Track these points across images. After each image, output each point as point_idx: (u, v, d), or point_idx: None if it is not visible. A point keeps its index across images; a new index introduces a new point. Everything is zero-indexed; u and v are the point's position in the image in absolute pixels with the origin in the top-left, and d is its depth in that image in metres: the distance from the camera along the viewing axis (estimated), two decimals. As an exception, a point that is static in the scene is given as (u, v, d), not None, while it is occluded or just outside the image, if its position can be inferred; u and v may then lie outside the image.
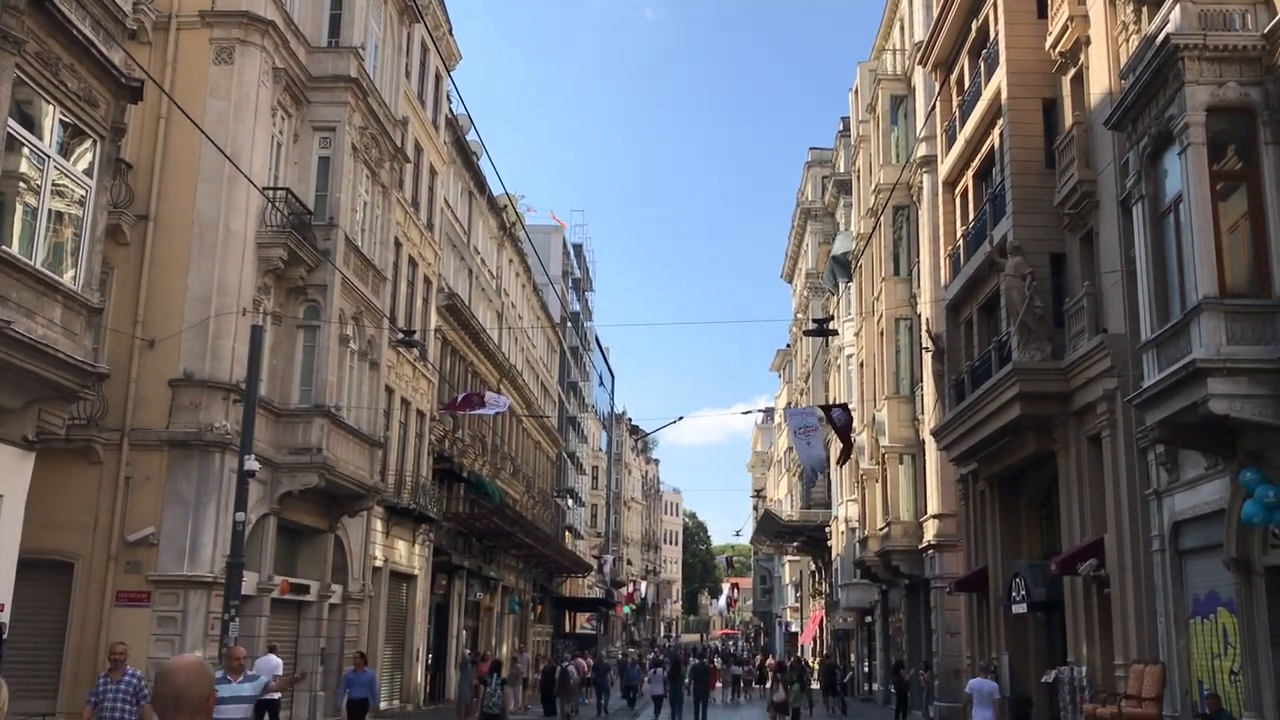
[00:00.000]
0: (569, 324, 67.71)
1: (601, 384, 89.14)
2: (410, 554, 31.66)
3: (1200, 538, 16.56)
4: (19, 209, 13.66)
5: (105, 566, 19.36)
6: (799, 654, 55.21)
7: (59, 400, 14.90)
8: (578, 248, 75.29)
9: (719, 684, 41.15)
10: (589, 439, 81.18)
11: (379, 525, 28.35)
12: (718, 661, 51.73)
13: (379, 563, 28.59)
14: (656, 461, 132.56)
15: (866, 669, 45.21)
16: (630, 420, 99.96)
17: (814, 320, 27.07)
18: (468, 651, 31.80)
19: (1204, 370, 13.94)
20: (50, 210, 14.09)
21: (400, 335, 26.30)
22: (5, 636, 14.30)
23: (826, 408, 29.33)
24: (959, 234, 27.64)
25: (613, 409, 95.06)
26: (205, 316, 20.34)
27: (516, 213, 45.58)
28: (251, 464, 18.33)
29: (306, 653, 23.97)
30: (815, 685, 39.57)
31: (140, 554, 19.49)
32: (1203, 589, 16.62)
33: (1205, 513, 16.11)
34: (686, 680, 28.78)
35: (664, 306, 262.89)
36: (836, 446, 34.09)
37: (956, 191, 28.27)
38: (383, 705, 26.58)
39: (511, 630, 48.69)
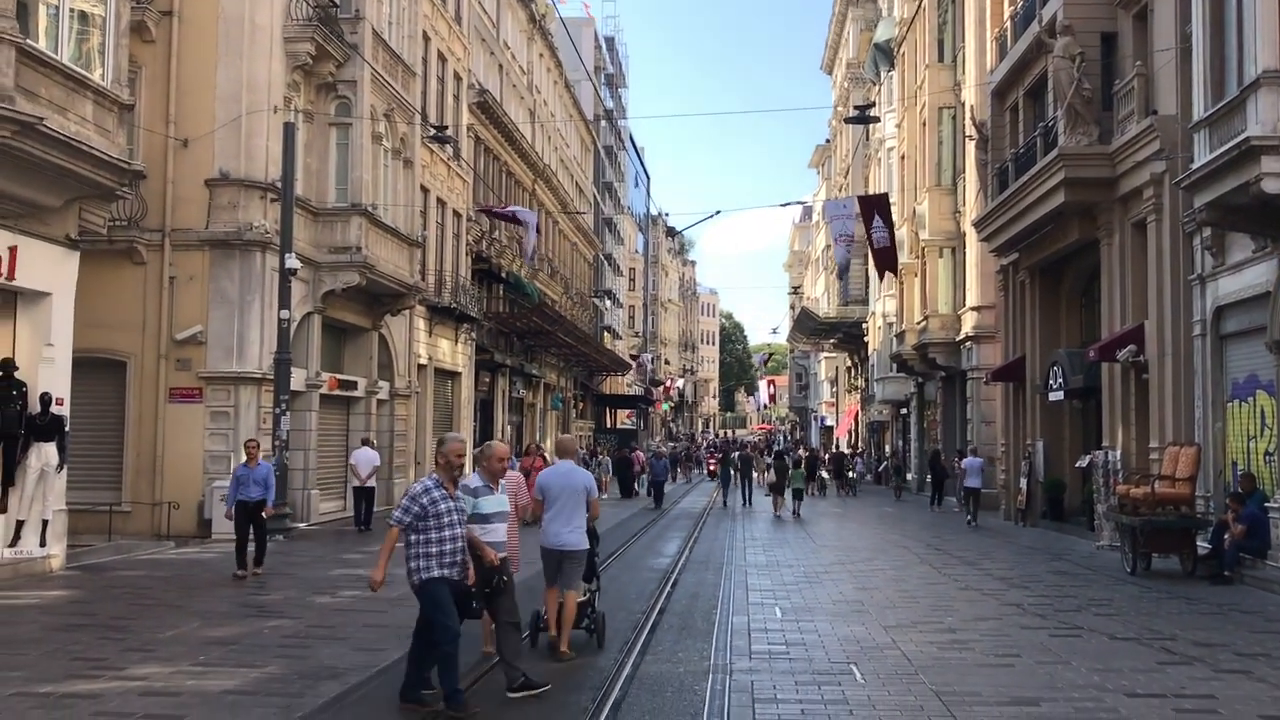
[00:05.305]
0: (602, 121, 66.42)
1: (637, 185, 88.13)
2: (453, 352, 32.22)
3: (1243, 321, 16.47)
4: (42, 7, 13.39)
5: (156, 364, 19.88)
6: (815, 449, 56.34)
7: (98, 199, 14.99)
8: (609, 41, 73.07)
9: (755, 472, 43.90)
10: (625, 241, 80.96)
11: (421, 324, 28.76)
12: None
13: (423, 360, 29.14)
14: (693, 263, 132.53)
15: (901, 458, 46.12)
16: (667, 221, 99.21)
17: (855, 108, 26.39)
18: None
19: (1258, 148, 13.54)
20: (72, 9, 13.83)
21: (432, 131, 26.00)
22: (68, 429, 14.85)
23: (866, 199, 28.96)
24: (1006, 15, 26.55)
25: (648, 210, 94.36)
26: (236, 115, 20.16)
27: (548, 1, 44.05)
28: (292, 262, 18.51)
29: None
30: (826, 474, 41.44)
31: (189, 352, 19.96)
32: (1242, 372, 16.65)
33: (1249, 296, 15.97)
34: (735, 464, 33.68)
35: (698, 104, 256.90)
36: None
37: (1005, -31, 27.00)
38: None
39: (554, 425, 49.92)
